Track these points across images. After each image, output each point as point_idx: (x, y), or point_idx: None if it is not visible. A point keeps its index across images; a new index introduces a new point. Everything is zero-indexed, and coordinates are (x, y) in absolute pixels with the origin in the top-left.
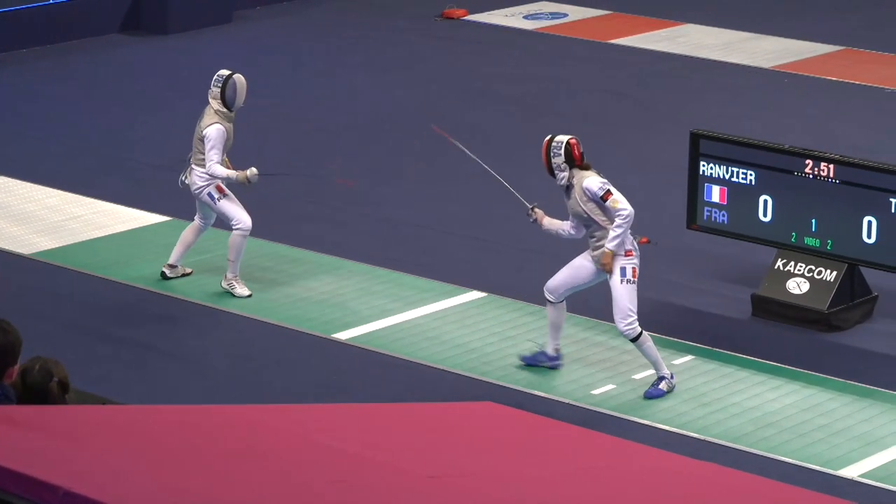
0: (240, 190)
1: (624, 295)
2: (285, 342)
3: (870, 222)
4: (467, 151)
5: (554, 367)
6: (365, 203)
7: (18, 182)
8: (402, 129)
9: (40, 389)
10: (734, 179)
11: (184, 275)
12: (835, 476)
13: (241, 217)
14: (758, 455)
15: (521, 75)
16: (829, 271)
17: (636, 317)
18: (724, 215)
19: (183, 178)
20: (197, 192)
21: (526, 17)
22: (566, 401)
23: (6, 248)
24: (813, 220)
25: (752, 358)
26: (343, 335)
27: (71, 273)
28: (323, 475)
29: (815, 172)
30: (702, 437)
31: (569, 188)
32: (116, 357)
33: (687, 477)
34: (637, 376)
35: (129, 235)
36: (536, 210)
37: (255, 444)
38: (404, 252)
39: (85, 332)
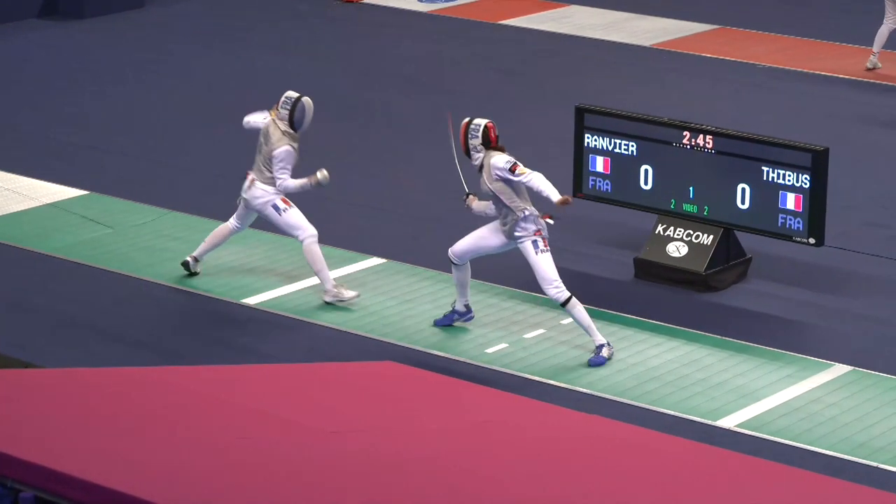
0: (165, 163)
1: (544, 264)
2: (197, 308)
3: (743, 189)
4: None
5: (468, 321)
6: None
7: None
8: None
9: None
10: (617, 150)
11: (195, 273)
12: (713, 426)
13: (306, 226)
14: (641, 408)
15: (416, 55)
16: (706, 235)
17: (561, 281)
18: (607, 184)
19: (243, 193)
20: (260, 205)
21: (420, 0)
22: (462, 359)
23: None
24: (691, 188)
25: (635, 317)
26: (251, 300)
27: None
28: (232, 432)
29: (693, 143)
30: (589, 391)
31: (481, 168)
32: (34, 324)
33: (575, 429)
34: (528, 335)
35: (49, 209)
36: (470, 196)
37: (168, 403)
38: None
39: (4, 299)
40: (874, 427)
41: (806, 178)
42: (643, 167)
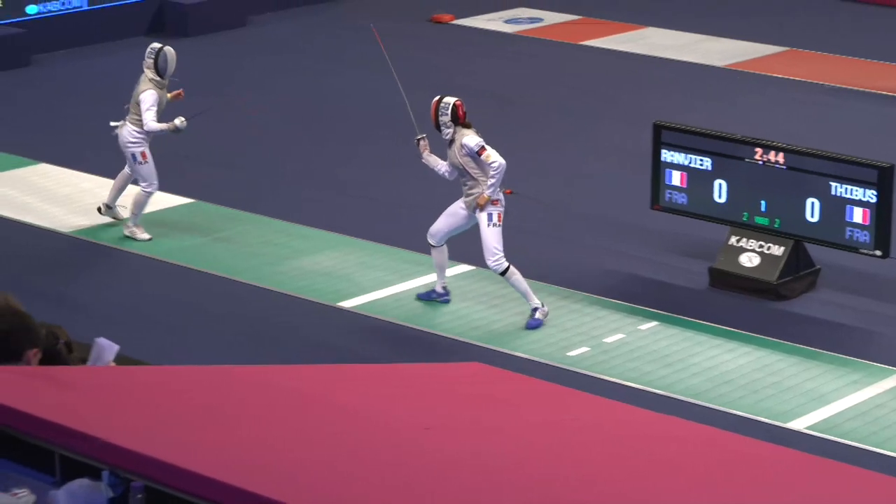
0: (265, 174)
1: (491, 236)
2: (295, 310)
3: (813, 203)
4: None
5: (445, 302)
6: (364, 187)
7: (56, 168)
8: (396, 122)
9: (51, 352)
10: (692, 165)
11: (116, 219)
12: (784, 428)
13: (154, 182)
14: (715, 409)
15: (501, 72)
16: (777, 247)
17: (502, 254)
18: (683, 197)
19: (116, 128)
20: (126, 146)
21: (506, 22)
22: (544, 361)
23: (48, 226)
24: (762, 202)
25: (709, 324)
26: (347, 304)
27: (101, 248)
28: (328, 428)
29: (764, 159)
30: (666, 393)
31: (451, 142)
32: (157, 321)
33: (654, 429)
34: (608, 339)
35: (157, 216)
36: (422, 141)
37: (268, 401)
38: (400, 230)
39: (123, 302)
40: None
41: (872, 194)
42: (717, 181)
